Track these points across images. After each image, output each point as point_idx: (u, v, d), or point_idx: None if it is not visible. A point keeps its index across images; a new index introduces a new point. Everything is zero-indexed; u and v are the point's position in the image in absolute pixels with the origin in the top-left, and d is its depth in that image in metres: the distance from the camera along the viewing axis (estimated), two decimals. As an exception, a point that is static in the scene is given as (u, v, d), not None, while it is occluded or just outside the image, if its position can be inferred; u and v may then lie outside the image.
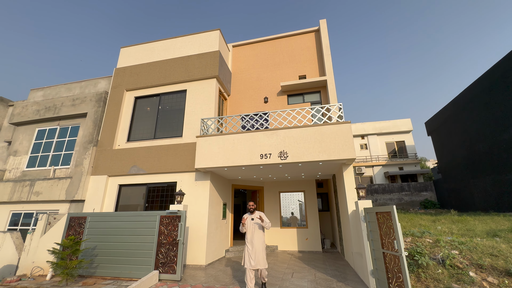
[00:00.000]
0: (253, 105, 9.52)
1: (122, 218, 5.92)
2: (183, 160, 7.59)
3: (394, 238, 3.77)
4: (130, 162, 8.06)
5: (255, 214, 4.80)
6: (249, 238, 4.67)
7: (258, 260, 4.45)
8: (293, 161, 6.25)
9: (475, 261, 4.14)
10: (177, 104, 8.66)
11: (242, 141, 6.77)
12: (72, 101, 9.37)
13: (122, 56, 9.95)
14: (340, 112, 6.48)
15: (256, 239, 4.60)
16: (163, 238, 5.51)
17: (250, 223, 4.75)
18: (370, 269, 4.46)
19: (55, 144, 9.26)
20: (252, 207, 4.84)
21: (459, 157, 15.21)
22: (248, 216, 4.82)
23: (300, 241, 9.08)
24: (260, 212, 4.84)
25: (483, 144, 13.00)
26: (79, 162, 8.34)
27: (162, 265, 5.30)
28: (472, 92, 13.56)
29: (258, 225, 4.72)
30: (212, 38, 9.11)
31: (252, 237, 4.65)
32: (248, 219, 4.77)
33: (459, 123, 14.92)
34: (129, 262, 5.47)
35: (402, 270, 3.57)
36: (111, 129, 8.68)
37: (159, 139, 8.23)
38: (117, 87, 9.31)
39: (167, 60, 9.17)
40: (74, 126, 9.33)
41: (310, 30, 9.92)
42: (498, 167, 12.09)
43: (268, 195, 9.87)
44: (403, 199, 18.44)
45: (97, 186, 8.05)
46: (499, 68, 11.68)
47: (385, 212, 4.07)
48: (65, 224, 6.19)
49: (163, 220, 5.64)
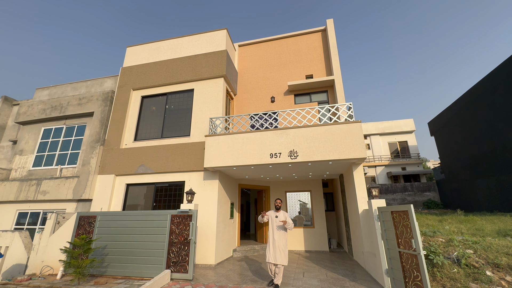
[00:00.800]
0: (260, 104, 9.51)
1: (133, 217, 5.90)
2: (191, 159, 7.58)
3: (412, 237, 3.76)
4: (138, 161, 8.04)
5: (280, 213, 4.95)
6: (271, 234, 4.85)
7: (277, 256, 4.59)
8: (303, 161, 6.24)
9: (491, 261, 4.13)
10: (184, 104, 8.64)
11: (252, 140, 6.76)
12: (78, 100, 9.35)
13: (128, 55, 9.93)
14: (350, 111, 6.48)
15: (277, 236, 4.76)
16: (174, 237, 5.49)
17: (274, 220, 4.89)
18: (384, 268, 4.45)
19: (62, 143, 9.24)
20: (279, 204, 5.03)
21: (463, 157, 15.22)
22: (273, 213, 5.01)
23: (307, 240, 9.06)
24: (285, 213, 4.97)
25: (487, 144, 13.01)
26: (86, 161, 8.32)
27: (174, 264, 5.29)
28: (477, 92, 13.58)
29: (279, 224, 4.83)
30: (219, 37, 9.10)
31: (273, 233, 4.81)
32: (271, 215, 4.98)
33: (463, 123, 14.93)
34: (140, 261, 5.45)
35: (420, 269, 3.56)
36: (118, 128, 8.66)
37: (166, 138, 8.22)
38: (124, 86, 9.29)
39: (174, 60, 9.16)
40: (81, 125, 9.31)
41: (316, 30, 9.92)
42: (502, 167, 12.10)
43: (274, 194, 9.86)
44: (406, 199, 18.44)
45: (104, 185, 8.03)
46: (503, 68, 11.69)
47: (401, 211, 4.06)
48: (75, 223, 6.17)
49: (174, 219, 5.63)
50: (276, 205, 5.06)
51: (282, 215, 4.91)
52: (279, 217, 4.87)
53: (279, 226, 4.84)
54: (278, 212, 4.99)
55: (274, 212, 5.04)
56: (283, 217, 4.83)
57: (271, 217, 4.97)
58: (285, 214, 4.94)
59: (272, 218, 4.95)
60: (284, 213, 4.97)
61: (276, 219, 4.89)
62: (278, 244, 4.69)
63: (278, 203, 5.05)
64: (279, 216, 4.90)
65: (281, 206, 5.14)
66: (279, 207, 5.03)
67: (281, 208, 5.10)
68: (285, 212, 5.04)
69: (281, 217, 4.87)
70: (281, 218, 4.84)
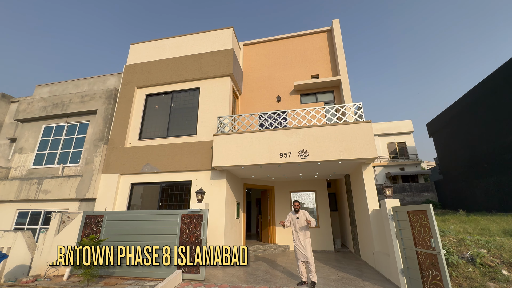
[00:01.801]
0: (266, 104, 9.48)
1: (141, 217, 5.80)
2: (198, 158, 7.50)
3: (430, 237, 3.77)
4: (143, 160, 7.93)
5: (300, 213, 5.11)
6: (295, 235, 5.09)
7: (308, 253, 4.85)
8: (313, 160, 6.22)
9: (506, 260, 4.18)
10: (190, 102, 8.55)
11: (261, 139, 6.72)
12: (80, 98, 9.17)
13: (132, 53, 9.80)
14: (360, 111, 6.49)
15: (302, 236, 5.00)
16: (185, 237, 5.41)
17: (296, 222, 5.10)
18: (400, 268, 4.46)
19: (63, 141, 9.05)
20: (297, 206, 5.20)
21: (461, 158, 15.44)
22: (292, 215, 5.24)
23: (312, 240, 8.97)
24: (305, 212, 5.12)
25: (486, 145, 13.22)
26: (89, 160, 8.16)
27: (185, 265, 5.20)
28: (476, 94, 13.79)
29: (303, 223, 5.03)
30: (225, 36, 9.04)
31: (298, 234, 5.04)
32: (292, 218, 5.21)
33: (462, 124, 15.15)
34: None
35: (440, 269, 3.57)
36: (122, 126, 8.53)
37: (172, 137, 8.12)
38: (128, 84, 9.15)
39: (179, 58, 9.06)
40: (83, 123, 9.13)
41: (322, 30, 9.94)
42: (501, 168, 12.31)
43: (279, 194, 9.84)
44: (404, 200, 18.62)
45: (108, 184, 7.88)
46: (503, 70, 11.89)
47: (419, 211, 4.07)
48: (81, 223, 6.03)
49: (185, 219, 5.55)
50: (294, 208, 5.22)
51: (302, 215, 5.07)
52: (300, 218, 5.06)
53: (301, 227, 5.04)
54: (297, 213, 5.16)
55: (294, 214, 5.23)
56: (304, 217, 4.99)
57: (292, 220, 5.21)
58: (305, 213, 5.09)
59: (293, 220, 5.18)
60: (304, 212, 5.12)
61: (297, 220, 5.10)
62: (304, 243, 4.94)
63: (296, 206, 5.22)
64: (300, 217, 5.08)
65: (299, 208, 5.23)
66: (297, 209, 5.18)
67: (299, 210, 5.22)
68: (304, 211, 5.15)
69: (302, 217, 5.04)
70: (302, 218, 5.03)
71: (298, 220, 5.09)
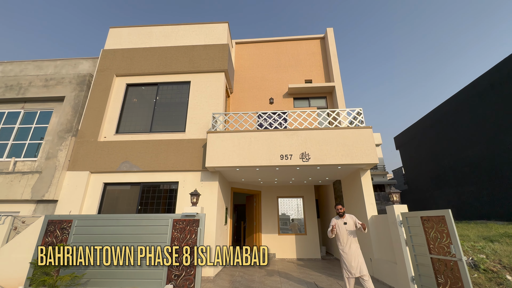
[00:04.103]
0: (258, 104, 9.14)
1: (123, 222, 4.91)
2: (187, 157, 6.79)
3: (449, 243, 3.72)
4: (120, 157, 6.94)
5: (347, 217, 4.43)
6: (343, 244, 4.30)
7: (362, 266, 4.05)
8: (315, 164, 6.00)
9: (507, 265, 4.33)
10: (179, 96, 7.82)
11: (260, 140, 6.31)
12: (44, 82, 7.81)
13: (112, 37, 8.74)
14: (360, 117, 6.50)
15: (354, 245, 4.23)
16: (177, 245, 4.69)
17: (343, 228, 4.33)
18: (410, 276, 4.36)
19: (17, 130, 7.55)
20: (341, 210, 4.46)
21: (425, 170, 16.80)
22: (338, 221, 4.43)
23: (299, 248, 8.78)
24: (352, 216, 4.47)
25: (448, 159, 14.56)
26: (52, 154, 6.88)
27: (177, 278, 4.48)
28: (441, 112, 15.21)
29: (352, 228, 4.33)
30: (220, 30, 8.57)
31: (346, 242, 4.27)
32: (338, 223, 4.40)
33: (427, 139, 16.56)
34: (134, 276, 4.50)
35: (462, 276, 3.50)
36: (96, 118, 7.42)
37: (156, 133, 7.28)
38: (105, 71, 8.08)
39: (168, 48, 8.31)
40: (45, 111, 7.76)
41: (315, 37, 10.04)
42: (461, 180, 13.61)
43: (266, 200, 9.44)
44: (374, 208, 19.57)
45: (75, 183, 6.70)
46: (464, 93, 13.31)
47: (434, 217, 4.02)
48: (41, 229, 4.90)
49: (177, 225, 4.83)
50: (339, 212, 4.48)
51: (350, 219, 4.40)
52: (349, 223, 4.35)
53: (350, 232, 4.31)
54: (343, 218, 4.44)
55: (340, 219, 4.46)
56: (353, 222, 4.36)
57: (338, 226, 4.39)
58: (352, 217, 4.44)
59: (340, 226, 4.38)
60: (351, 216, 4.46)
61: (345, 226, 4.34)
62: (355, 253, 4.16)
63: (339, 209, 4.48)
64: (348, 222, 4.36)
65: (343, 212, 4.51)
66: (342, 213, 4.46)
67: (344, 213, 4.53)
68: (351, 215, 4.49)
69: (350, 222, 4.36)
70: (351, 223, 4.35)
71: (346, 225, 4.33)
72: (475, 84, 12.50)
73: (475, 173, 12.56)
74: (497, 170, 11.20)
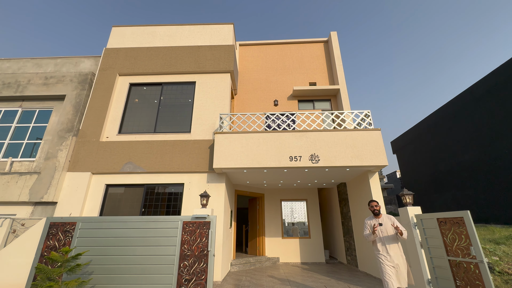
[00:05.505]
0: (262, 106, 9.08)
1: (130, 224, 4.72)
2: (193, 158, 6.64)
3: (469, 245, 3.68)
4: (124, 158, 6.74)
5: (383, 217, 3.79)
6: (381, 249, 3.64)
7: (403, 274, 3.47)
8: (324, 165, 5.95)
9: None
10: (184, 96, 7.70)
11: (269, 141, 6.23)
12: (44, 80, 7.58)
13: (115, 36, 8.58)
14: (369, 119, 6.50)
15: (393, 251, 3.58)
16: (187, 249, 4.52)
17: (379, 229, 3.70)
18: (426, 278, 4.30)
19: (14, 129, 7.27)
20: (377, 208, 3.79)
21: (423, 174, 17.00)
22: (373, 222, 3.80)
23: (303, 252, 8.66)
24: (390, 216, 3.83)
25: (445, 163, 14.76)
26: (51, 154, 6.63)
27: (187, 283, 4.30)
28: (437, 117, 15.48)
29: (390, 230, 3.69)
30: (225, 31, 8.52)
31: (386, 248, 3.61)
32: (374, 226, 3.64)
33: (424, 144, 16.79)
34: (141, 280, 4.31)
35: (483, 278, 3.46)
36: (98, 117, 7.22)
37: (161, 133, 7.12)
38: (107, 70, 7.90)
39: (173, 47, 8.20)
40: (45, 110, 7.51)
41: (319, 40, 10.11)
42: (457, 184, 13.80)
43: (269, 203, 9.32)
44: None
45: (75, 185, 6.45)
46: (461, 98, 13.60)
47: (452, 218, 3.99)
48: (43, 232, 4.66)
49: (187, 227, 4.67)
50: (374, 210, 3.80)
51: (387, 219, 3.76)
52: (386, 224, 3.70)
53: (390, 236, 3.65)
54: (379, 217, 3.79)
55: (373, 219, 3.85)
56: (391, 222, 3.71)
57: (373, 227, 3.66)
58: (390, 217, 3.79)
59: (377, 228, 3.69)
60: (389, 216, 3.80)
61: (381, 227, 3.69)
62: (399, 260, 3.53)
63: (375, 207, 3.78)
64: (384, 222, 3.71)
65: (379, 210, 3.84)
66: (377, 211, 3.79)
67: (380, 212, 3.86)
68: (389, 215, 3.85)
69: (387, 222, 3.72)
70: (388, 224, 3.70)
71: (383, 226, 3.68)
72: (472, 89, 12.78)
73: (472, 177, 12.75)
74: (494, 174, 11.39)
